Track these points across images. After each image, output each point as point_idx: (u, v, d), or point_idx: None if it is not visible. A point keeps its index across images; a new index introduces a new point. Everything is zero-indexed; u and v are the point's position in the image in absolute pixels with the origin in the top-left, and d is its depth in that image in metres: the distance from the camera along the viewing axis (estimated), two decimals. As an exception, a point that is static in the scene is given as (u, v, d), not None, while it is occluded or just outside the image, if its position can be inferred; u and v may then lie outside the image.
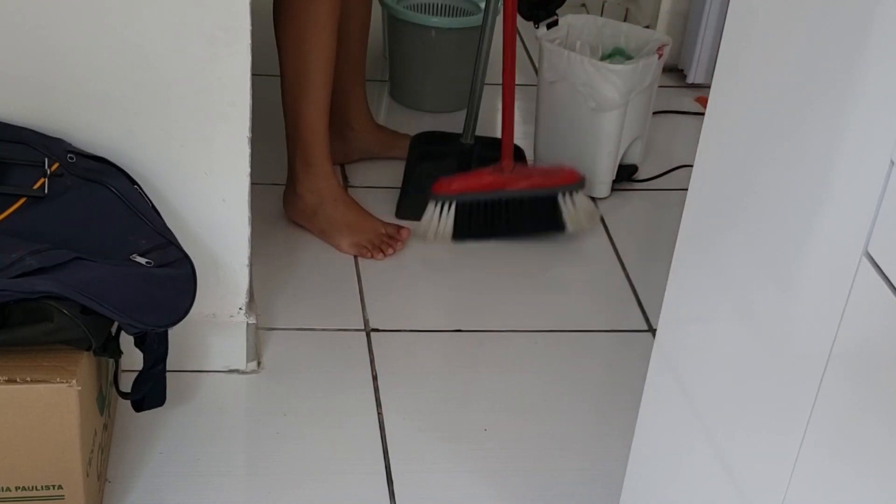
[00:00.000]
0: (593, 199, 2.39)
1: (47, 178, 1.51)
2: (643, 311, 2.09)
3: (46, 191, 1.51)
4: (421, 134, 2.40)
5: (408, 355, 1.94)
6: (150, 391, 1.54)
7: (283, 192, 2.22)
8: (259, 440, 1.73)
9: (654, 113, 2.55)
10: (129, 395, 1.55)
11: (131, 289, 1.42)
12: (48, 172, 1.52)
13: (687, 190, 1.23)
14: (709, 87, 1.19)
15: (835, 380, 0.96)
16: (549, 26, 2.37)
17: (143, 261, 1.47)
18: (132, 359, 1.52)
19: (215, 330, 1.80)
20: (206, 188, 1.68)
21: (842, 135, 0.94)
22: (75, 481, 1.42)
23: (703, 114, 1.21)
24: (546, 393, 1.88)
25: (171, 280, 1.48)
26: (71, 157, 1.54)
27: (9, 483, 1.40)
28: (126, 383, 1.58)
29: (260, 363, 1.86)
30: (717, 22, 2.80)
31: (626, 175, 2.45)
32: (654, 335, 1.39)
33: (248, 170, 1.68)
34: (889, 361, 0.87)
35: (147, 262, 1.47)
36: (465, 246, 2.20)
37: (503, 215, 2.20)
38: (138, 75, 1.58)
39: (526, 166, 2.27)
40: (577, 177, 2.23)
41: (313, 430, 1.75)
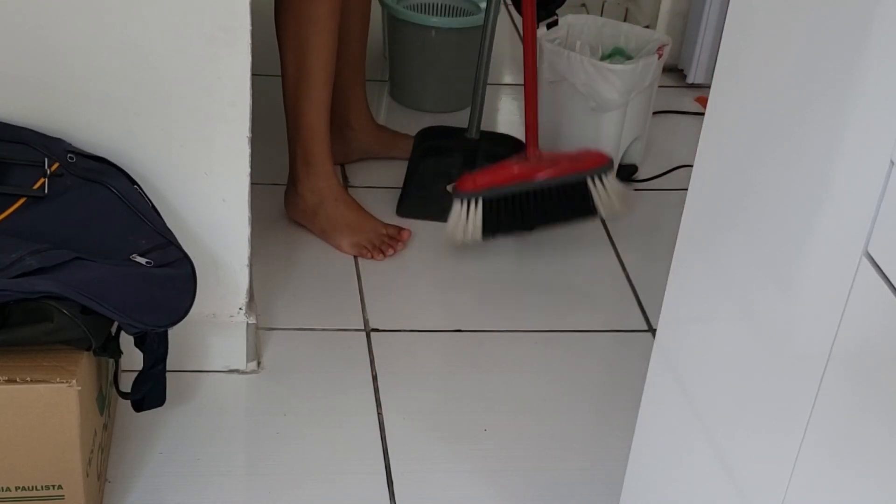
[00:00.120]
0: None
1: (47, 178, 1.51)
2: (643, 311, 2.09)
3: (46, 191, 1.51)
4: (425, 129, 2.39)
5: (408, 355, 1.94)
6: (150, 391, 1.54)
7: (284, 191, 2.22)
8: (259, 440, 1.73)
9: (654, 113, 2.55)
10: (129, 395, 1.55)
11: (131, 289, 1.42)
12: (48, 172, 1.52)
13: (687, 190, 1.23)
14: (709, 87, 1.19)
15: (835, 380, 0.96)
16: (549, 26, 2.37)
17: (143, 261, 1.47)
18: (132, 359, 1.52)
19: (215, 330, 1.80)
20: (206, 188, 1.68)
21: (842, 135, 0.94)
22: (75, 481, 1.42)
23: (703, 114, 1.21)
24: (546, 393, 1.88)
25: (171, 280, 1.48)
26: (71, 157, 1.54)
27: (9, 483, 1.40)
28: (126, 383, 1.58)
29: (260, 363, 1.86)
30: (717, 22, 2.80)
31: (625, 175, 2.45)
32: (654, 335, 1.39)
33: (248, 170, 1.68)
34: (889, 361, 0.87)
35: (147, 262, 1.47)
36: (464, 245, 2.20)
37: (533, 206, 2.13)
38: (138, 75, 1.58)
39: (551, 153, 2.19)
40: (605, 159, 2.16)
41: (313, 430, 1.75)
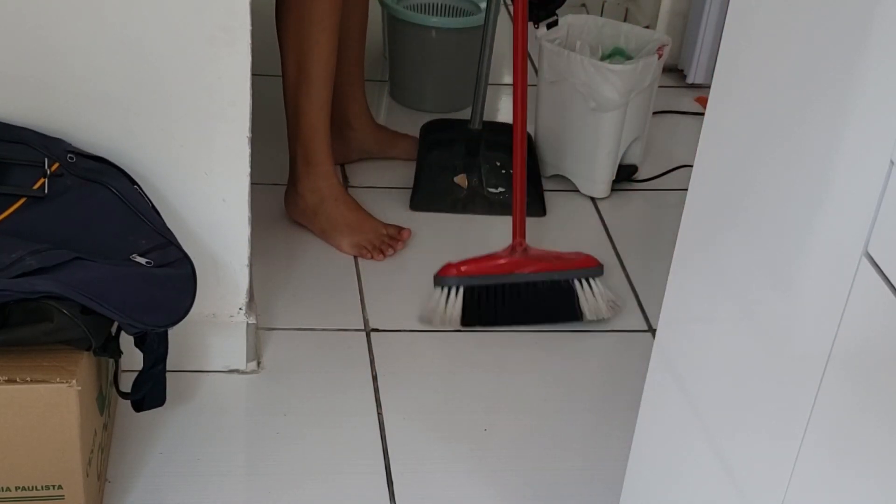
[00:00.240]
0: (592, 199, 2.40)
1: (47, 178, 1.51)
2: (643, 311, 2.09)
3: (46, 191, 1.51)
4: (429, 123, 2.42)
5: (408, 355, 1.94)
6: (150, 391, 1.53)
7: (285, 191, 2.22)
8: (259, 440, 1.73)
9: (654, 113, 2.55)
10: (129, 395, 1.55)
11: (131, 289, 1.42)
12: (48, 172, 1.52)
13: (687, 190, 1.23)
14: (709, 87, 1.19)
15: (835, 380, 0.96)
16: (549, 26, 2.37)
17: (143, 261, 1.47)
18: (132, 359, 1.52)
19: (215, 330, 1.80)
20: (206, 188, 1.68)
21: (842, 135, 0.94)
22: (75, 481, 1.42)
23: (703, 114, 1.21)
24: (546, 393, 1.88)
25: (171, 280, 1.48)
26: (71, 157, 1.54)
27: (9, 483, 1.40)
28: (126, 383, 1.58)
29: (260, 363, 1.86)
30: (717, 22, 2.80)
31: (626, 175, 2.45)
32: (654, 335, 1.39)
33: (248, 170, 1.68)
34: (889, 361, 0.87)
35: (147, 262, 1.47)
36: (464, 246, 2.19)
37: (515, 301, 2.02)
38: (138, 75, 1.58)
39: (539, 249, 2.07)
40: (595, 262, 2.05)
41: (313, 430, 1.75)
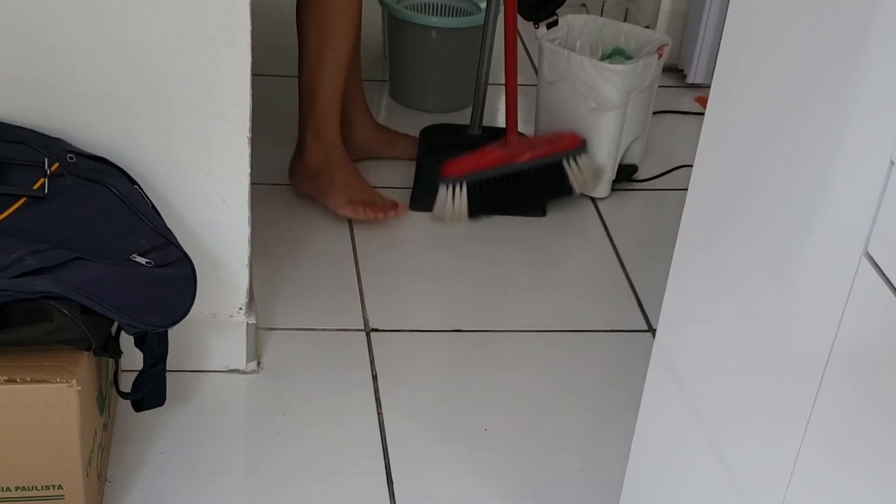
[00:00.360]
0: (593, 199, 2.40)
1: (47, 178, 1.51)
2: (643, 311, 2.09)
3: (46, 191, 1.51)
4: (429, 127, 2.44)
5: (408, 355, 1.94)
6: (150, 391, 1.54)
7: (290, 161, 2.27)
8: (259, 440, 1.73)
9: (654, 113, 2.55)
10: (129, 395, 1.55)
11: (131, 289, 1.42)
12: (48, 172, 1.52)
13: (687, 190, 1.23)
14: (709, 87, 1.19)
15: (835, 380, 0.96)
16: (549, 26, 2.37)
17: (143, 261, 1.47)
18: (132, 359, 1.52)
19: (215, 330, 1.80)
20: (206, 188, 1.68)
21: (842, 135, 0.94)
22: (75, 481, 1.42)
23: (703, 114, 1.21)
24: (546, 393, 1.88)
25: (171, 280, 1.48)
26: (71, 157, 1.54)
27: (9, 483, 1.40)
28: (126, 383, 1.58)
29: (260, 363, 1.86)
30: (717, 22, 2.80)
31: (626, 175, 2.45)
32: (654, 335, 1.39)
33: (248, 170, 1.68)
34: (889, 361, 0.87)
35: (147, 262, 1.47)
36: (464, 246, 2.20)
37: (513, 187, 2.28)
38: (138, 75, 1.58)
39: (528, 137, 2.36)
40: (577, 140, 2.32)
41: (313, 430, 1.75)
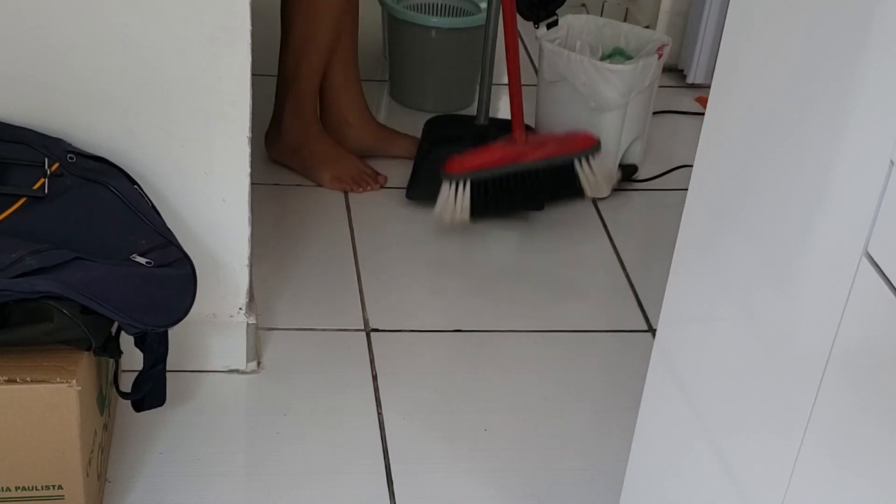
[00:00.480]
0: (593, 199, 2.40)
1: (47, 178, 1.51)
2: (643, 311, 2.09)
3: (46, 191, 1.51)
4: (434, 118, 2.44)
5: (408, 355, 1.94)
6: (150, 391, 1.53)
7: (265, 133, 2.36)
8: (259, 440, 1.73)
9: (654, 113, 2.55)
10: (129, 395, 1.55)
11: (131, 289, 1.42)
12: (48, 172, 1.52)
13: (687, 190, 1.23)
14: (709, 87, 1.19)
15: (835, 380, 0.96)
16: (549, 26, 2.37)
17: (143, 261, 1.47)
18: (132, 359, 1.52)
19: (215, 330, 1.80)
20: (206, 188, 1.68)
21: (842, 135, 0.94)
22: (75, 481, 1.42)
23: (703, 114, 1.21)
24: (546, 393, 1.88)
25: (171, 280, 1.48)
26: (71, 157, 1.54)
27: (9, 483, 1.40)
28: (126, 383, 1.58)
29: (260, 363, 1.86)
30: (717, 22, 2.80)
31: (626, 175, 2.45)
32: (654, 335, 1.39)
33: (248, 170, 1.68)
34: (889, 361, 0.87)
35: (147, 262, 1.47)
36: (464, 245, 2.20)
37: (520, 188, 2.17)
38: (138, 75, 1.58)
39: (538, 134, 2.25)
40: (591, 141, 2.20)
41: (313, 430, 1.75)
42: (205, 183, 1.67)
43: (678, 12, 2.91)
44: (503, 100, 2.81)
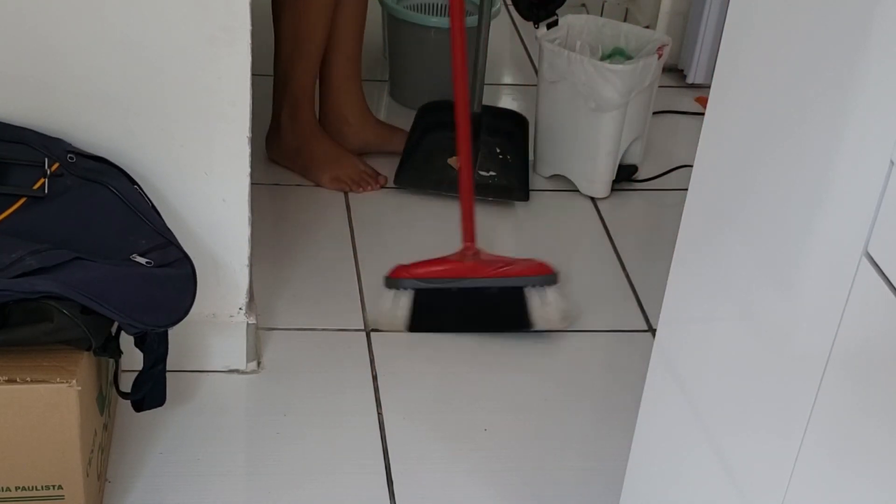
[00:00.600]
0: (592, 199, 2.39)
1: (47, 178, 1.51)
2: (643, 311, 2.09)
3: (46, 191, 1.51)
4: (427, 104, 2.44)
5: (408, 355, 1.94)
6: (150, 391, 1.53)
7: (266, 135, 2.36)
8: (259, 440, 1.73)
9: (654, 113, 2.55)
10: (129, 395, 1.55)
11: (131, 289, 1.42)
12: (48, 172, 1.52)
13: (687, 190, 1.23)
14: (709, 87, 1.19)
15: (835, 380, 0.96)
16: (549, 26, 2.37)
17: (143, 261, 1.47)
18: (132, 359, 1.52)
19: (215, 330, 1.80)
20: (206, 188, 1.68)
21: (842, 135, 0.94)
22: (75, 481, 1.42)
23: (703, 114, 1.21)
24: (546, 393, 1.88)
25: (171, 280, 1.48)
26: (71, 157, 1.54)
27: (9, 483, 1.40)
28: (126, 383, 1.58)
29: (260, 363, 1.86)
30: (717, 22, 2.80)
31: (626, 175, 2.45)
32: (654, 335, 1.39)
33: (248, 170, 1.68)
34: (889, 361, 0.87)
35: (147, 262, 1.47)
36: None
37: (464, 307, 1.97)
38: (138, 75, 1.58)
39: (491, 254, 2.02)
40: (548, 269, 1.97)
41: (313, 430, 1.75)
42: (205, 183, 1.67)
43: (678, 12, 2.91)
44: (500, 101, 2.81)
